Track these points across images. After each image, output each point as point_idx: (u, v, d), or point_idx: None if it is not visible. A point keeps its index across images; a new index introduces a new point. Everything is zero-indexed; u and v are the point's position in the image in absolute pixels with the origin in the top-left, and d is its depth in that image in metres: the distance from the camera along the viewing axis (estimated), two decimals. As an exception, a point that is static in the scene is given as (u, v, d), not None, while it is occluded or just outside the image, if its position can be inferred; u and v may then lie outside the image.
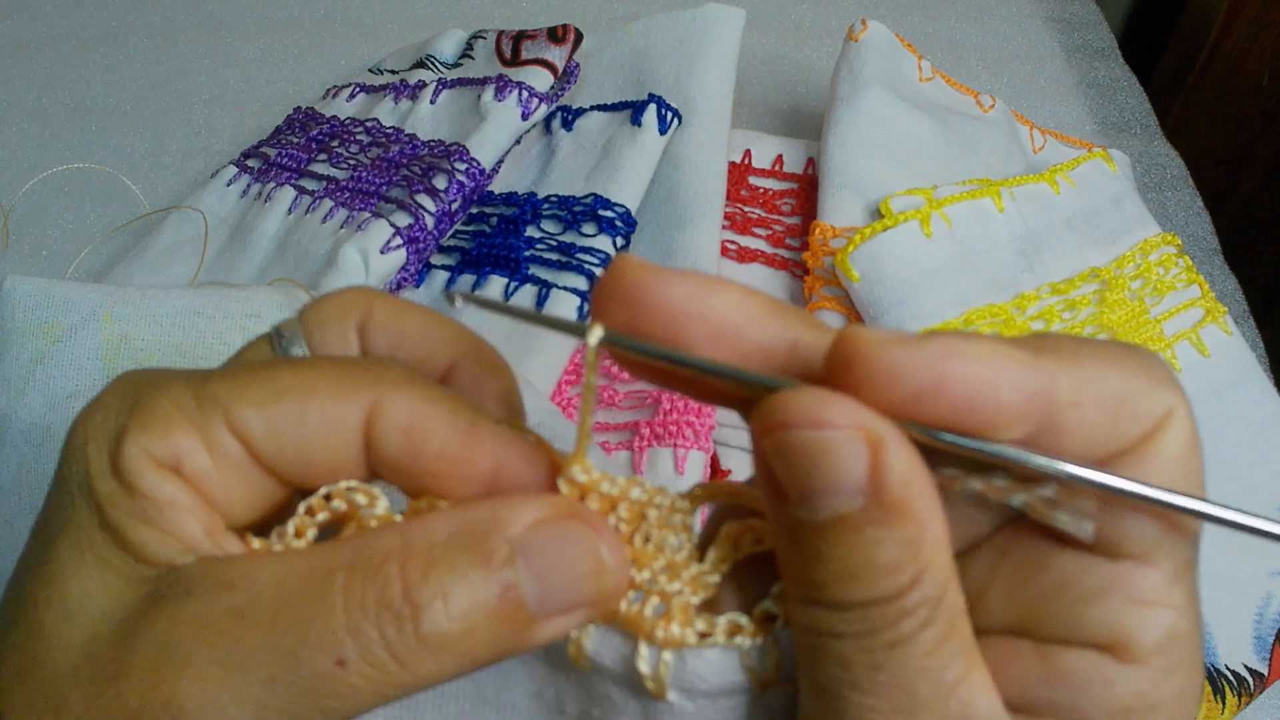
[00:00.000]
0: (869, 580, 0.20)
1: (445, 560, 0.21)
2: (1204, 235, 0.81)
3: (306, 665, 0.20)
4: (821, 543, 0.20)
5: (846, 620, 0.20)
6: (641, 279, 0.21)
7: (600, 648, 0.23)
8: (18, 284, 0.47)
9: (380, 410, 0.22)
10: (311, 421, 0.22)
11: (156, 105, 0.89)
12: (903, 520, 0.20)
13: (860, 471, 0.20)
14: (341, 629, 0.20)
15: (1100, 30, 1.01)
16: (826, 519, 0.20)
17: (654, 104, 0.67)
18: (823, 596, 0.21)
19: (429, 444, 0.22)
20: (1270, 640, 0.54)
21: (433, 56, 0.79)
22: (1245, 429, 0.60)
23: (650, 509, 0.23)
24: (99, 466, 0.22)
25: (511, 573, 0.21)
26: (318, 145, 0.76)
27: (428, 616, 0.20)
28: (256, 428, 0.22)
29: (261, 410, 0.22)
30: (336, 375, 0.23)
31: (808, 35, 0.96)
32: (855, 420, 0.20)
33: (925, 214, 0.59)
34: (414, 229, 0.64)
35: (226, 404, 0.22)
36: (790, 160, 0.73)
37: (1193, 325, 0.62)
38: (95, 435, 0.22)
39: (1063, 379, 0.20)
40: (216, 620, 0.20)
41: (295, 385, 0.23)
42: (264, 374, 0.23)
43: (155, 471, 0.22)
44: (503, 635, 0.21)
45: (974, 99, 0.74)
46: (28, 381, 0.45)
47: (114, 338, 0.46)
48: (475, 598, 0.21)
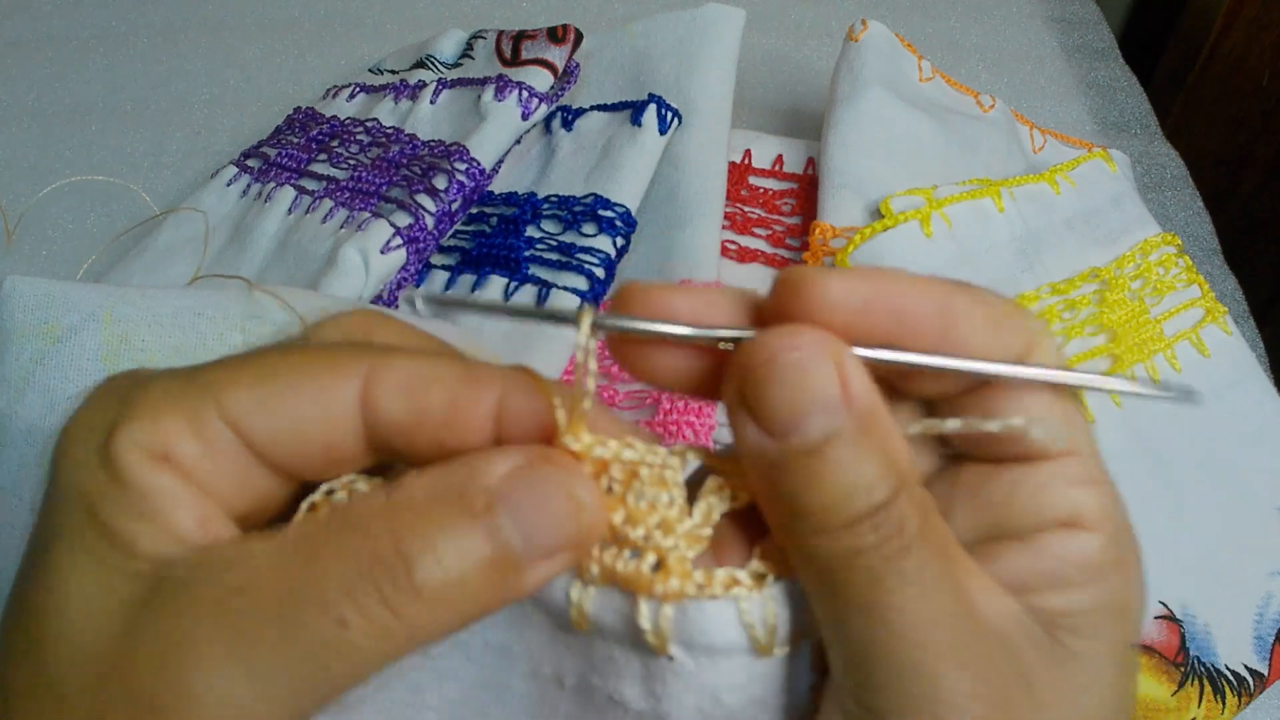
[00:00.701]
0: (866, 491, 0.21)
1: (429, 514, 0.21)
2: (1204, 235, 0.81)
3: (310, 629, 0.20)
4: (817, 466, 0.21)
5: (860, 534, 0.22)
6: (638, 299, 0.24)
7: (601, 609, 0.24)
8: (17, 284, 0.47)
9: (376, 378, 0.23)
10: (305, 399, 0.22)
11: (156, 105, 0.89)
12: (875, 428, 0.22)
13: (835, 388, 0.21)
14: (338, 590, 0.20)
15: (1100, 30, 1.01)
16: (817, 440, 0.21)
17: (654, 104, 0.67)
18: (832, 520, 0.22)
19: (432, 395, 0.23)
20: (1270, 640, 0.54)
21: (433, 56, 0.79)
22: (1245, 429, 0.60)
23: (642, 467, 0.24)
24: (87, 463, 0.22)
25: (493, 519, 0.21)
26: (318, 145, 0.76)
27: (420, 567, 0.21)
28: (248, 410, 0.22)
29: (252, 390, 0.22)
30: (328, 352, 0.23)
31: (808, 35, 0.96)
32: (819, 340, 0.22)
33: (925, 214, 0.59)
34: (414, 229, 0.64)
35: (217, 389, 0.22)
36: (790, 160, 0.73)
37: (1193, 325, 0.62)
38: (83, 433, 0.22)
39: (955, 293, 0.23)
40: (217, 601, 0.21)
41: (286, 364, 0.23)
42: (254, 358, 0.23)
43: (145, 462, 0.22)
44: (493, 582, 0.22)
45: (974, 99, 0.74)
46: (27, 382, 0.45)
47: (114, 338, 0.46)
48: (462, 545, 0.21)
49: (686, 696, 0.24)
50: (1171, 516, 0.56)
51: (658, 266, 0.64)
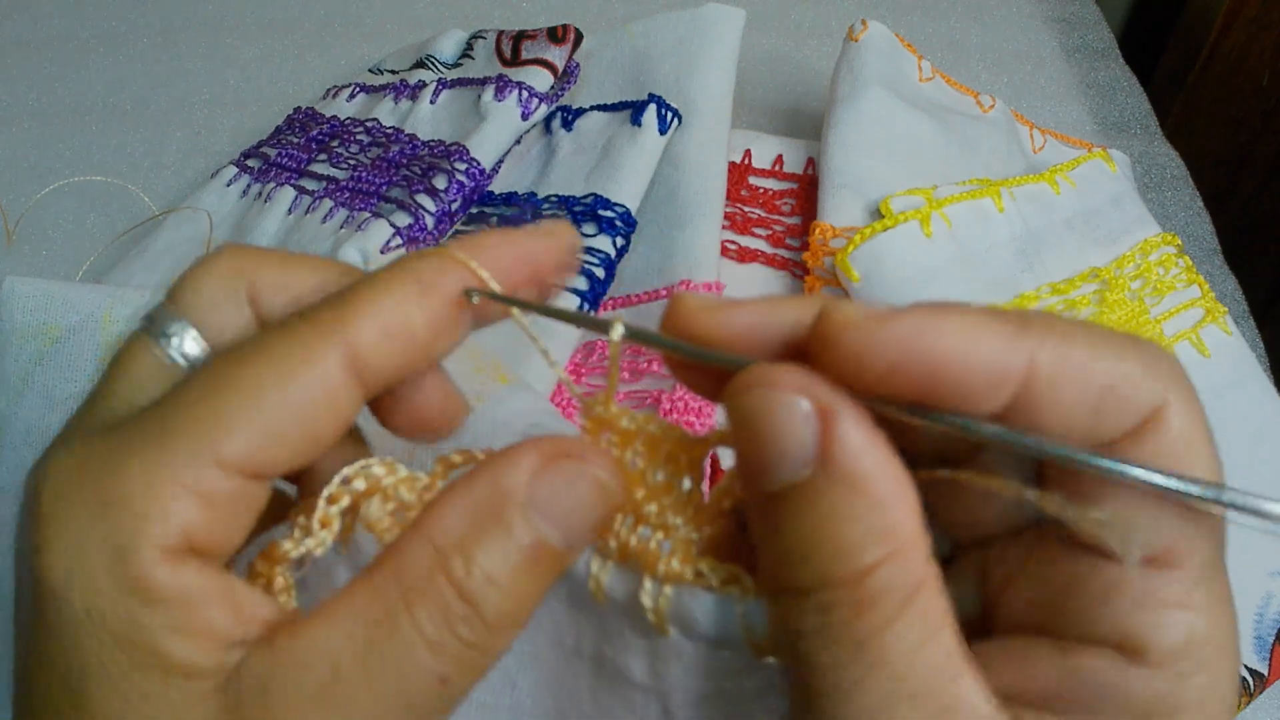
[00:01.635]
0: (823, 558, 0.19)
1: (477, 550, 0.22)
2: (1204, 235, 0.81)
3: (419, 698, 0.21)
4: (777, 516, 0.20)
5: (806, 611, 0.20)
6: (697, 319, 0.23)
7: (615, 584, 0.24)
8: (16, 285, 0.47)
9: (353, 337, 0.22)
10: (301, 399, 0.22)
11: (156, 105, 0.89)
12: (857, 495, 0.19)
13: (809, 438, 0.20)
14: (429, 655, 0.21)
15: (1100, 30, 1.01)
16: (777, 489, 0.20)
17: (654, 104, 0.67)
18: (781, 578, 0.20)
19: (415, 326, 0.23)
20: (1270, 640, 0.54)
21: (433, 56, 0.79)
22: (1245, 429, 0.60)
23: (665, 444, 0.24)
24: (106, 592, 0.20)
25: (533, 532, 0.22)
26: (318, 145, 0.75)
27: (488, 604, 0.22)
28: (252, 446, 0.21)
29: (249, 426, 0.21)
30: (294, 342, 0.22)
31: (808, 35, 0.96)
32: (801, 386, 0.20)
33: (925, 214, 0.59)
34: (414, 229, 0.64)
35: (211, 444, 0.21)
36: (790, 160, 0.73)
37: (1193, 325, 0.62)
38: (80, 558, 0.20)
39: (1044, 355, 0.19)
40: (313, 699, 0.21)
41: (264, 377, 0.21)
42: (226, 388, 0.21)
43: (174, 569, 0.20)
44: (544, 578, 0.23)
45: (974, 99, 0.74)
46: (27, 383, 0.45)
47: (113, 339, 0.46)
48: (515, 567, 0.22)
49: (686, 678, 0.25)
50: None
51: (658, 266, 0.64)
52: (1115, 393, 0.20)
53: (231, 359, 0.22)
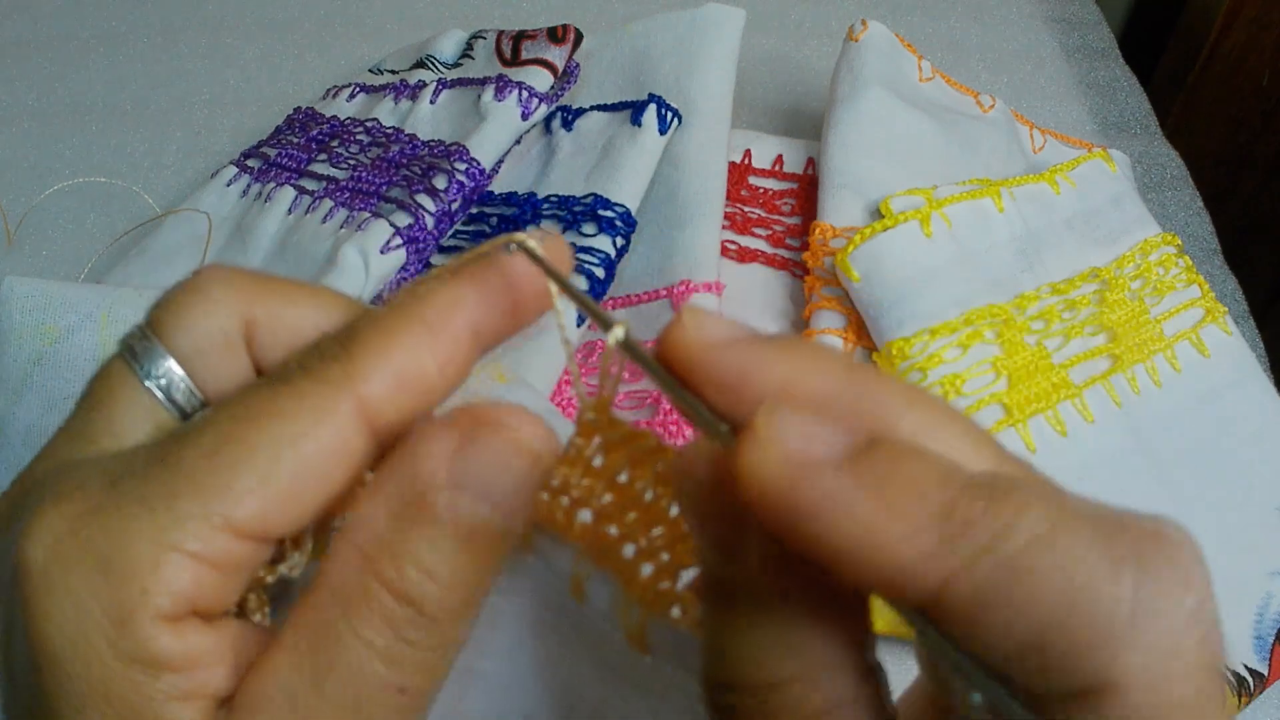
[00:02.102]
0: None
1: (405, 546, 0.21)
2: (1204, 235, 0.81)
3: (380, 713, 0.21)
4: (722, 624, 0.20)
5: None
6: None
7: (598, 592, 0.24)
8: (15, 285, 0.47)
9: (366, 391, 0.21)
10: (314, 463, 0.20)
11: (156, 105, 0.89)
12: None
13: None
14: (382, 666, 0.21)
15: (1100, 30, 1.01)
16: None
17: (654, 104, 0.67)
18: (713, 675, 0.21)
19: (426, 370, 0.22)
20: (1270, 640, 0.54)
21: (433, 56, 0.79)
22: (1245, 429, 0.60)
23: (656, 461, 0.23)
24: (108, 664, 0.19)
25: (463, 515, 0.21)
26: (318, 145, 0.75)
27: (429, 600, 0.21)
28: (264, 511, 0.20)
29: (261, 492, 0.20)
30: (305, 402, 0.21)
31: (808, 35, 0.96)
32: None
33: (925, 214, 0.59)
34: (414, 229, 0.64)
35: (220, 510, 0.20)
36: (790, 160, 0.73)
37: (1193, 325, 0.62)
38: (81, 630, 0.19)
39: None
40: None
41: (279, 439, 0.20)
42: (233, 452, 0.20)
43: (177, 637, 0.19)
44: (487, 555, 0.22)
45: (974, 99, 0.74)
46: (25, 383, 0.45)
47: (111, 339, 0.46)
48: (450, 556, 0.21)
49: (672, 694, 0.24)
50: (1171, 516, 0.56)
51: (658, 266, 0.64)
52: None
53: (238, 415, 0.21)
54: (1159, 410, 0.59)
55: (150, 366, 0.23)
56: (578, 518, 0.24)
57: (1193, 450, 0.59)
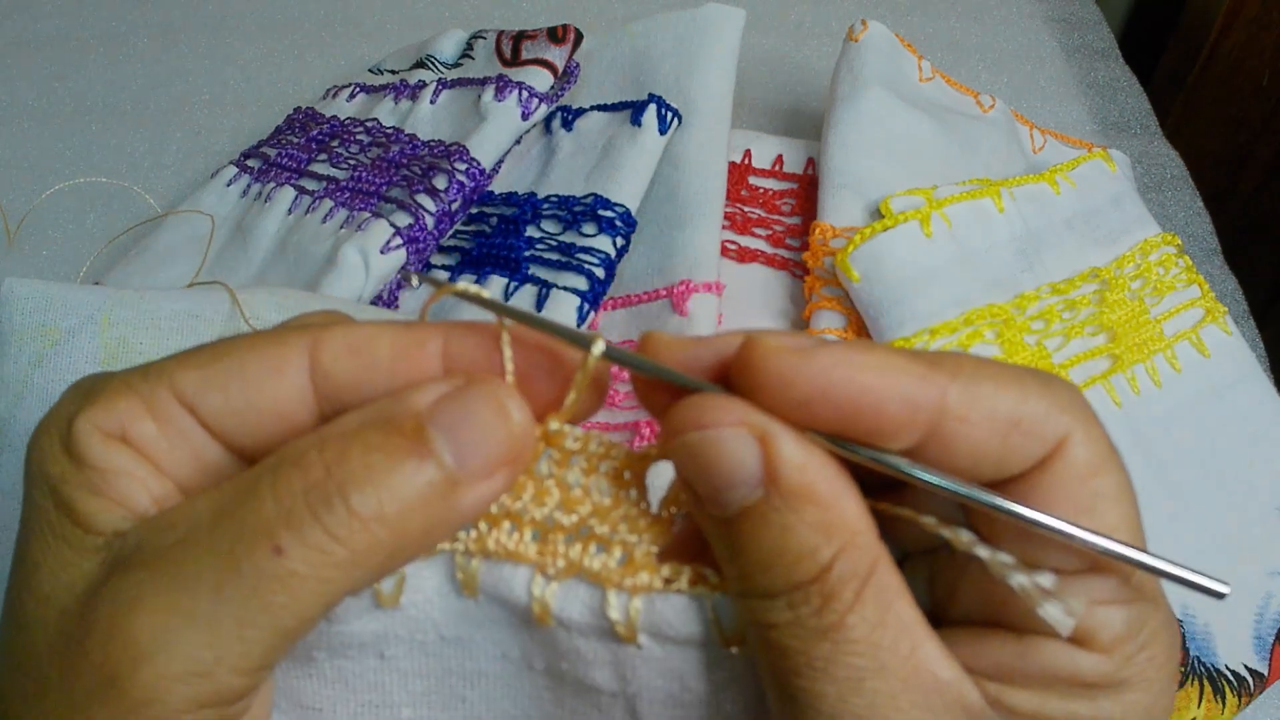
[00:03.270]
0: (786, 565, 0.21)
1: (360, 438, 0.22)
2: (1204, 235, 0.81)
3: (245, 561, 0.21)
4: (737, 536, 0.22)
5: (776, 608, 0.21)
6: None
7: (565, 603, 0.24)
8: (15, 286, 0.47)
9: (321, 344, 0.23)
10: (253, 371, 0.23)
11: (156, 105, 0.89)
12: (806, 504, 0.21)
13: (754, 463, 0.21)
14: (274, 518, 0.21)
15: (1100, 30, 1.01)
16: (734, 513, 0.21)
17: (654, 104, 0.67)
18: (749, 587, 0.22)
19: (378, 349, 0.23)
20: (1270, 640, 0.54)
21: (433, 56, 0.79)
22: (1245, 429, 0.60)
23: (606, 460, 0.24)
24: (51, 451, 0.23)
25: (424, 439, 0.22)
26: (318, 145, 0.75)
27: (354, 488, 0.21)
28: (199, 389, 0.23)
29: (203, 370, 0.23)
30: (274, 331, 0.24)
31: (808, 35, 0.96)
32: (739, 418, 0.21)
33: (925, 214, 0.59)
34: (414, 229, 0.64)
35: (170, 373, 0.23)
36: (790, 160, 0.73)
37: (1193, 325, 0.62)
38: (49, 427, 0.23)
39: (953, 393, 0.21)
40: (160, 555, 0.21)
41: (235, 344, 0.24)
42: (206, 346, 0.24)
43: (101, 442, 0.23)
44: (430, 501, 0.22)
45: (974, 99, 0.74)
46: (26, 385, 0.45)
47: (112, 341, 0.46)
48: (394, 465, 0.21)
49: (656, 680, 0.25)
50: (1171, 517, 0.56)
51: (658, 266, 0.64)
52: (1021, 428, 0.21)
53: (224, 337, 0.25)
54: (1159, 410, 0.59)
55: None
56: (527, 539, 0.24)
57: (1193, 450, 0.59)
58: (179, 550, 0.21)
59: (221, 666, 0.21)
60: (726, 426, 0.21)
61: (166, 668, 0.20)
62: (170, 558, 0.21)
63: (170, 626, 0.20)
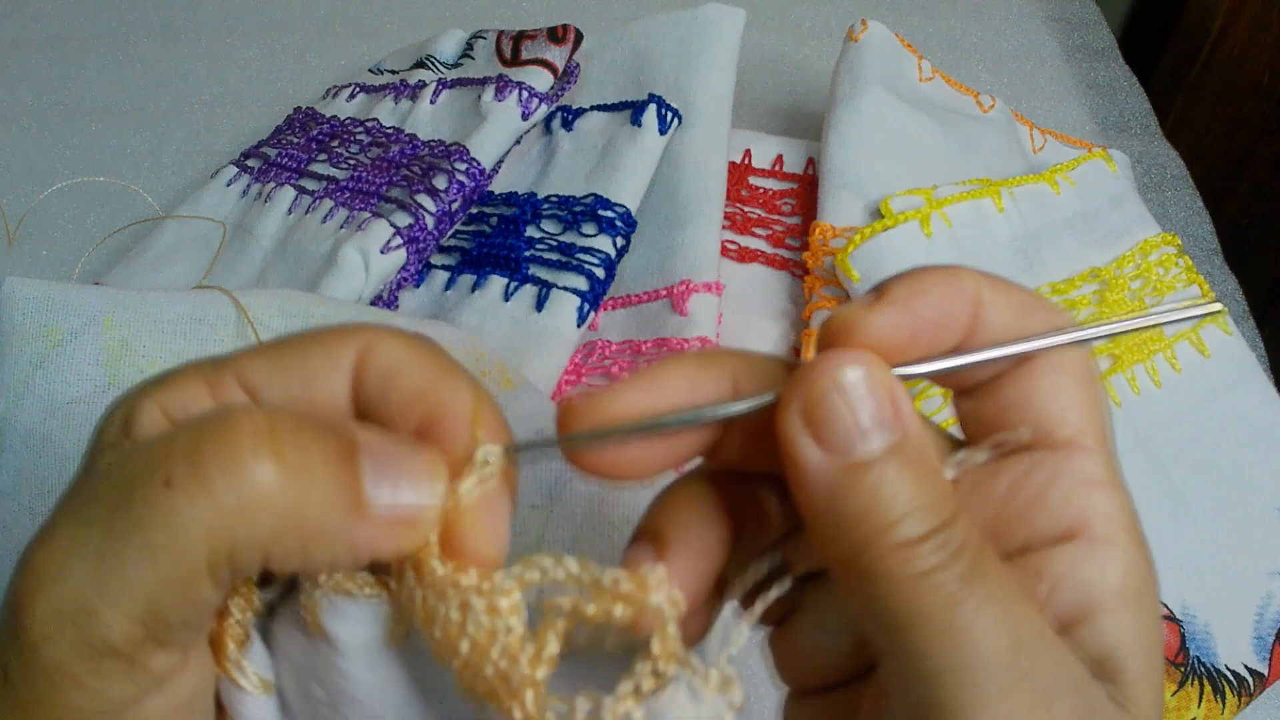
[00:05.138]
0: (931, 507, 0.22)
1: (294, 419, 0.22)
2: (1204, 235, 0.81)
3: (137, 492, 0.20)
4: (884, 479, 0.22)
5: (932, 550, 0.21)
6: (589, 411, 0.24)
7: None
8: (17, 286, 0.47)
9: (370, 352, 0.24)
10: (313, 365, 0.24)
11: (156, 105, 0.89)
12: (926, 452, 0.22)
13: (889, 405, 0.22)
14: (177, 450, 0.20)
15: (1100, 30, 1.01)
16: (880, 452, 0.22)
17: (654, 104, 0.67)
18: (898, 536, 0.22)
19: (394, 390, 0.24)
20: (1270, 640, 0.54)
21: (433, 56, 0.79)
22: (1245, 429, 0.60)
23: (474, 596, 0.23)
24: (113, 420, 0.23)
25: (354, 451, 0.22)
26: (318, 145, 0.75)
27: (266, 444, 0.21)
28: (265, 377, 0.24)
29: (269, 360, 0.24)
30: (333, 327, 0.25)
31: (808, 35, 0.96)
32: (870, 361, 0.23)
33: (925, 214, 0.59)
34: (414, 229, 0.64)
35: (235, 361, 0.24)
36: (790, 160, 0.73)
37: (1193, 325, 0.62)
38: (121, 401, 0.23)
39: (982, 284, 0.24)
40: (80, 490, 0.22)
41: (301, 338, 0.24)
42: (275, 340, 0.25)
43: (157, 420, 0.23)
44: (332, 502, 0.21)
45: (974, 99, 0.74)
46: (27, 386, 0.45)
47: (114, 343, 0.46)
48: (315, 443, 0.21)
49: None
50: (1171, 516, 0.56)
51: (658, 266, 0.64)
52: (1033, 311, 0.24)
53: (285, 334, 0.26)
54: (1159, 410, 0.59)
55: None
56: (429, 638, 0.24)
57: (1193, 450, 0.59)
58: (97, 483, 0.21)
59: (105, 605, 0.20)
60: (866, 368, 0.22)
61: (56, 602, 0.20)
62: (86, 492, 0.21)
63: (63, 559, 0.20)
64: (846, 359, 0.22)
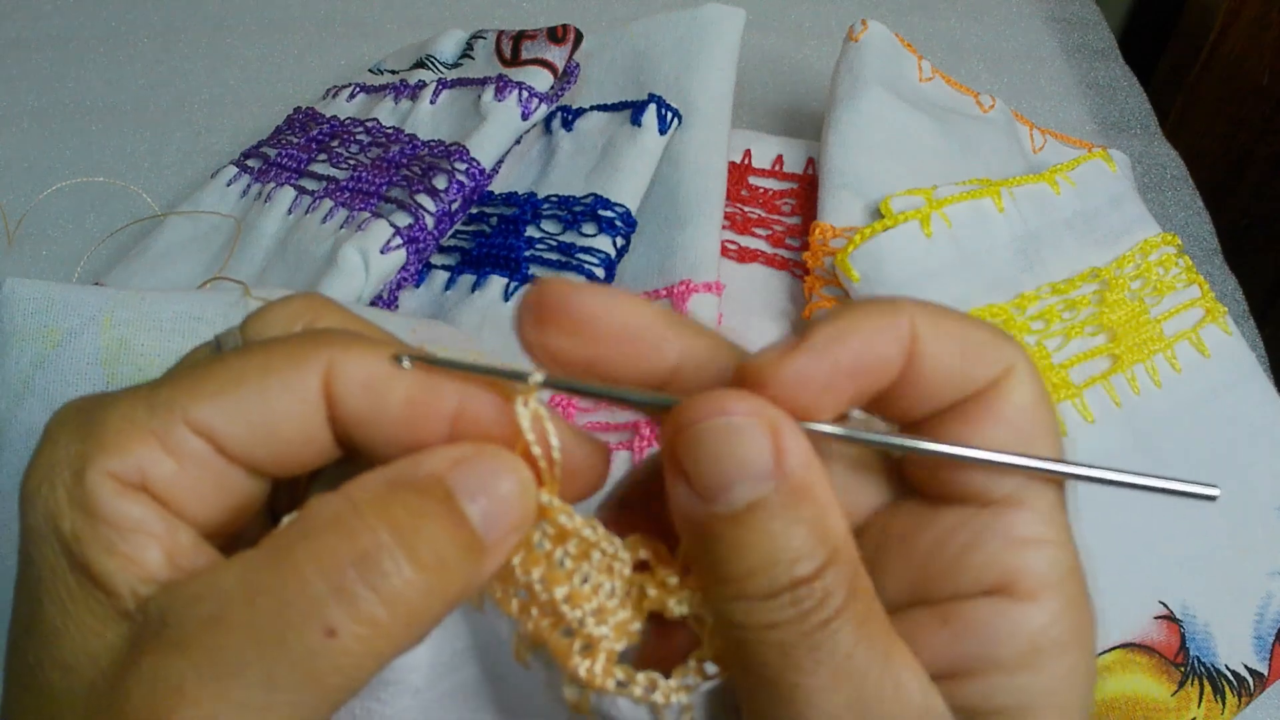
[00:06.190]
0: (789, 563, 0.21)
1: (401, 502, 0.21)
2: (1204, 235, 0.81)
3: (297, 647, 0.20)
4: (740, 533, 0.21)
5: (776, 607, 0.21)
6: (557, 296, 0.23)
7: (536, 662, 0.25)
8: (17, 286, 0.47)
9: (336, 372, 0.23)
10: (273, 397, 0.22)
11: (156, 105, 0.89)
12: (808, 502, 0.21)
13: (766, 456, 0.21)
14: (322, 596, 0.20)
15: (1100, 30, 1.01)
16: (742, 507, 0.21)
17: (654, 104, 0.67)
18: (750, 589, 0.22)
19: (393, 393, 0.23)
20: (1270, 640, 0.54)
21: (433, 56, 0.79)
22: (1245, 429, 0.60)
23: (595, 550, 0.24)
24: (60, 503, 0.21)
25: (454, 503, 0.22)
26: (318, 145, 0.75)
27: (403, 556, 0.21)
28: (218, 419, 0.22)
29: (220, 400, 0.22)
30: (286, 348, 0.23)
31: (808, 35, 0.96)
32: (754, 409, 0.22)
33: (925, 214, 0.59)
34: (414, 229, 0.64)
35: (183, 404, 0.22)
36: (790, 160, 0.73)
37: (1193, 325, 0.62)
38: (50, 473, 0.21)
39: (920, 321, 0.23)
40: (194, 637, 0.20)
41: (248, 366, 0.22)
42: (214, 367, 0.23)
43: (119, 494, 0.21)
44: (466, 564, 0.22)
45: (974, 99, 0.74)
46: (27, 386, 0.45)
47: (114, 342, 0.46)
48: (435, 531, 0.21)
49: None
50: (1171, 516, 0.56)
51: (658, 266, 0.64)
52: (976, 350, 0.23)
53: (233, 350, 0.23)
54: (1159, 410, 0.59)
55: (223, 339, 0.25)
56: (514, 597, 0.24)
57: (1193, 450, 0.59)
58: (216, 631, 0.20)
59: None
60: (743, 416, 0.21)
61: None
62: (207, 641, 0.20)
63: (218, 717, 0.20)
64: (724, 405, 0.22)
